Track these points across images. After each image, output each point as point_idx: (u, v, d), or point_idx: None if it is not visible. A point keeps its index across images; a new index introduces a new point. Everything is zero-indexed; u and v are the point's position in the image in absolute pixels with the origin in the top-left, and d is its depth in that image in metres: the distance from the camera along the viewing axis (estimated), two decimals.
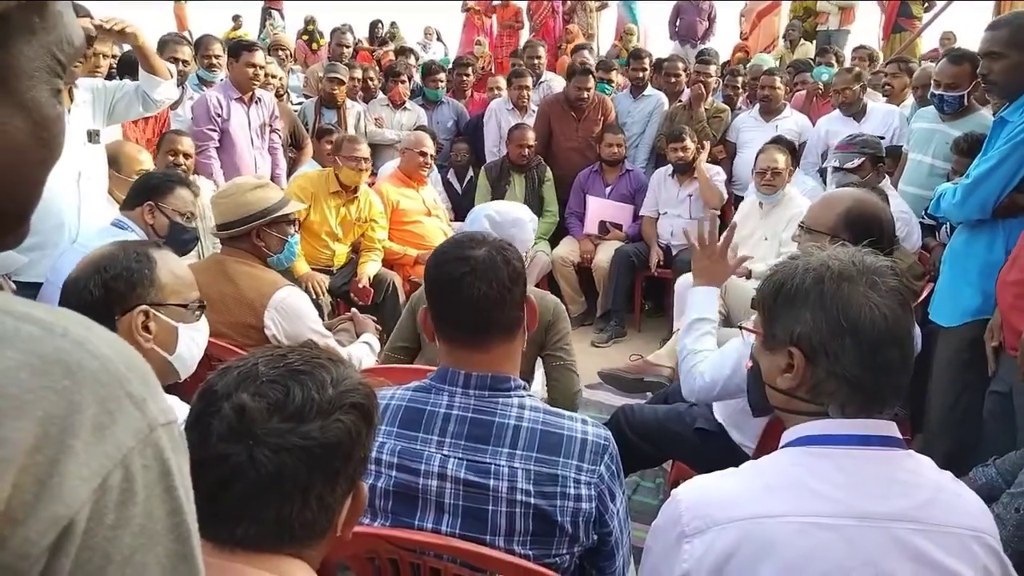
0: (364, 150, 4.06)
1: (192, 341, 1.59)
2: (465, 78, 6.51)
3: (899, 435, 1.17)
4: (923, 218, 3.54)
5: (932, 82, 3.63)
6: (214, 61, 4.66)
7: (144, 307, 1.50)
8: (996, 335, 2.28)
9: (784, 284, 1.20)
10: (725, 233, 2.17)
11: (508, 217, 2.49)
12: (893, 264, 1.19)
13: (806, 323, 1.15)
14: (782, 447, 1.19)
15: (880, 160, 3.58)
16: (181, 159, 3.51)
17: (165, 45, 4.23)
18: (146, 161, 3.28)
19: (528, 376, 2.43)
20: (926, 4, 8.95)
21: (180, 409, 1.43)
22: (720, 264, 2.14)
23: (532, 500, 1.33)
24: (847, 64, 6.42)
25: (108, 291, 1.48)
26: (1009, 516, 1.64)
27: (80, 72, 2.96)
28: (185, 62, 4.30)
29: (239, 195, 2.43)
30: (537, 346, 2.40)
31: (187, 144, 3.60)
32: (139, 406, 0.51)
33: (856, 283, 1.14)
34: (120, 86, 3.12)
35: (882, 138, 3.92)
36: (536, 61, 6.51)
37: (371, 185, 4.40)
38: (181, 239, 2.60)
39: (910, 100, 4.73)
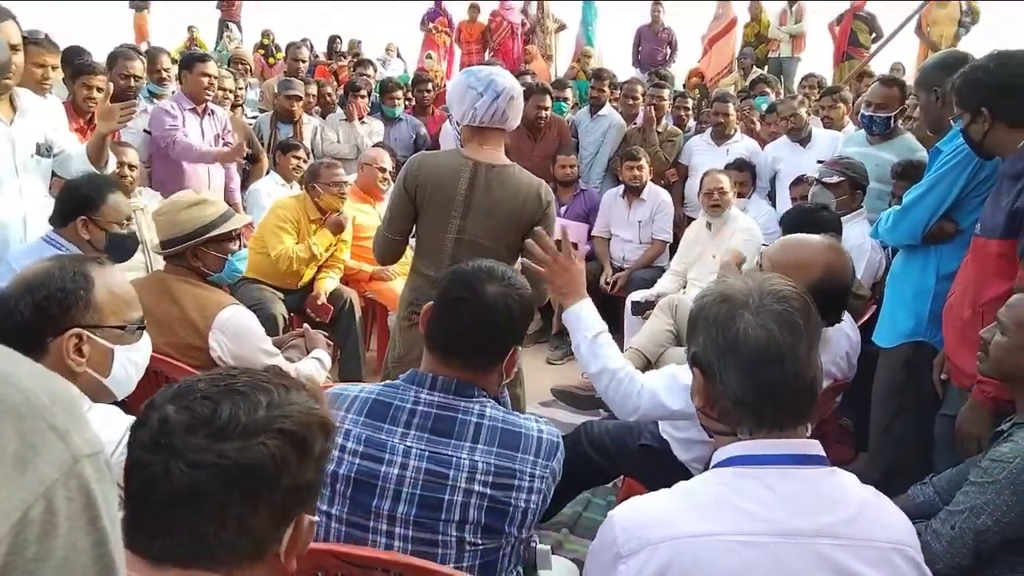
0: (343, 174, 4.01)
1: (129, 362, 1.54)
2: (426, 94, 6.54)
3: (822, 453, 1.21)
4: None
5: (864, 103, 3.76)
6: (164, 75, 4.62)
7: (77, 330, 1.44)
8: (944, 368, 2.35)
9: (693, 310, 1.28)
10: (564, 242, 2.03)
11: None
12: (792, 289, 1.24)
13: (698, 344, 1.23)
14: (712, 467, 1.23)
15: (859, 186, 3.62)
16: (127, 171, 3.47)
17: (115, 59, 4.18)
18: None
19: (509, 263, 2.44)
20: (873, 34, 9.30)
21: (120, 420, 1.41)
22: (573, 270, 2.01)
23: (488, 491, 1.43)
24: (793, 92, 6.61)
25: (39, 312, 1.42)
26: (945, 532, 1.70)
27: (16, 81, 2.90)
28: (137, 77, 4.25)
29: (173, 213, 2.37)
30: (520, 236, 2.41)
31: (132, 156, 3.55)
32: (63, 438, 0.51)
33: (739, 305, 1.20)
34: (64, 147, 3.10)
35: (821, 162, 4.04)
36: None
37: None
38: (123, 246, 2.56)
39: (850, 128, 4.89)
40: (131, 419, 1.41)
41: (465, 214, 2.40)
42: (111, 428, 1.38)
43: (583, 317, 2.00)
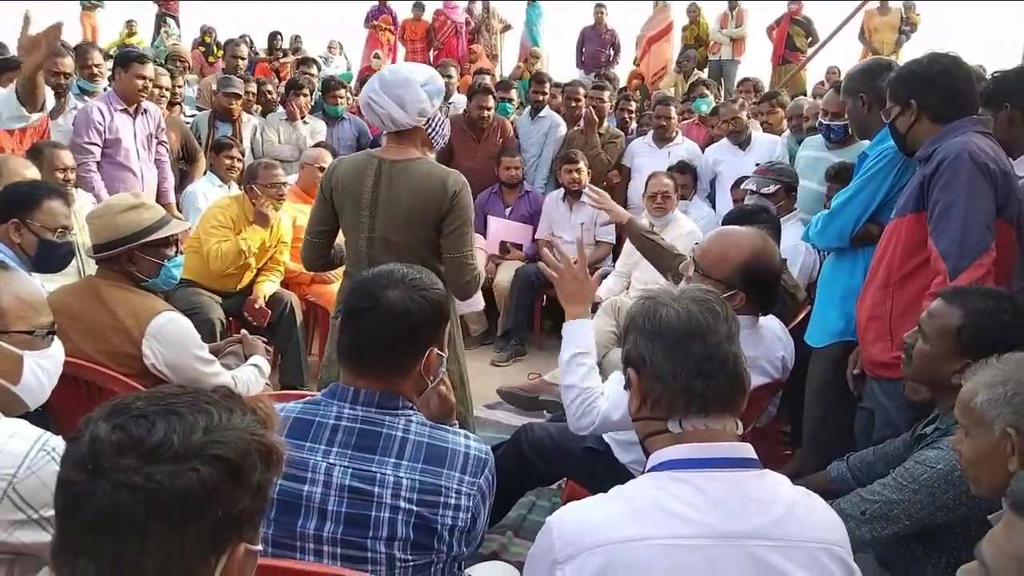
0: (282, 175, 3.97)
1: (40, 369, 1.49)
2: None
3: (754, 455, 1.25)
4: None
5: (820, 111, 3.85)
6: (95, 71, 4.48)
7: None
8: (857, 363, 2.43)
9: (625, 320, 1.35)
10: (579, 254, 2.15)
11: (398, 77, 2.36)
12: (711, 292, 1.36)
13: (630, 343, 1.31)
14: (647, 472, 1.26)
15: (793, 189, 3.77)
16: (69, 174, 3.35)
17: None
18: (32, 176, 3.11)
19: (439, 264, 2.39)
20: (810, 38, 9.57)
21: (28, 433, 1.36)
22: (586, 283, 2.13)
23: (415, 508, 1.40)
24: (733, 94, 6.74)
25: None
26: (854, 514, 1.77)
27: None
28: (67, 74, 4.10)
29: (109, 216, 2.30)
30: (434, 230, 2.40)
31: (67, 158, 3.44)
32: None
33: (662, 300, 1.30)
34: None
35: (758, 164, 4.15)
36: (447, 81, 6.52)
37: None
38: (55, 255, 2.48)
39: (787, 132, 5.01)
40: (39, 432, 1.37)
41: (373, 212, 2.40)
42: (18, 440, 1.32)
43: (585, 333, 2.08)
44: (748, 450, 1.25)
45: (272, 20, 11.64)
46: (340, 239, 2.62)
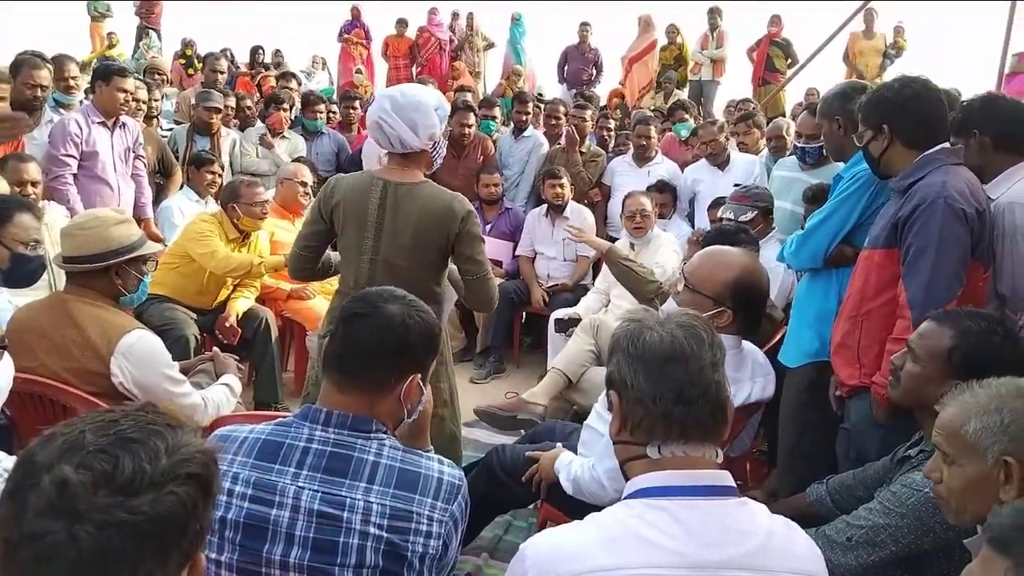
0: (264, 193, 3.95)
1: None
2: (352, 111, 6.44)
3: (732, 483, 1.24)
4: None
5: (795, 133, 3.88)
6: (71, 83, 4.42)
7: None
8: (838, 385, 2.43)
9: (611, 341, 1.34)
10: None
11: (412, 100, 2.37)
12: (697, 317, 1.34)
13: (613, 364, 1.29)
14: (623, 499, 1.24)
15: (769, 212, 3.79)
16: (29, 188, 3.29)
17: (20, 67, 3.97)
18: (2, 189, 3.06)
19: (437, 287, 2.46)
20: (789, 60, 9.69)
21: None
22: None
23: (384, 535, 1.37)
24: (712, 115, 6.81)
25: None
26: (840, 541, 1.76)
27: None
28: (44, 87, 4.04)
29: (102, 229, 2.26)
30: (440, 254, 2.43)
31: (33, 171, 3.36)
32: None
33: (648, 323, 1.30)
34: None
35: (737, 185, 4.17)
36: None
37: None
38: (27, 269, 2.46)
39: (765, 151, 5.06)
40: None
41: (378, 235, 2.40)
42: None
43: (562, 460, 2.23)
44: (727, 478, 1.24)
45: (255, 34, 11.61)
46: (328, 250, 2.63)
